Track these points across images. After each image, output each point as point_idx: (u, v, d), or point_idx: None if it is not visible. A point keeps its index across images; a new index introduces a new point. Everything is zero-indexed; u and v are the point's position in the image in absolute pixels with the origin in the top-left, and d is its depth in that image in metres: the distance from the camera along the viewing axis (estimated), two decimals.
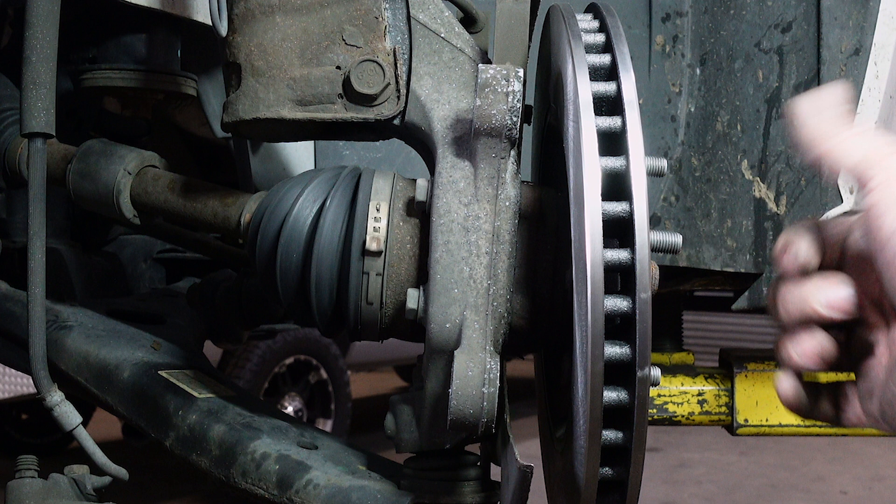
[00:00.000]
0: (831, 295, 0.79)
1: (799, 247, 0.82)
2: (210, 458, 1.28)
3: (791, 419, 1.92)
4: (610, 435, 0.94)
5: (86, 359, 1.45)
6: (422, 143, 1.15)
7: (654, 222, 1.64)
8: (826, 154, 0.79)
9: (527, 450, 1.01)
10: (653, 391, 1.89)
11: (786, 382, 0.86)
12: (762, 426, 1.92)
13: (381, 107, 1.15)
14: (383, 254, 1.10)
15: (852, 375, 0.84)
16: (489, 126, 1.01)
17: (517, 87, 1.01)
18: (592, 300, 0.88)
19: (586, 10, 1.12)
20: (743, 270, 1.62)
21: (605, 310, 0.89)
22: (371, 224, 1.10)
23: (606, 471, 0.96)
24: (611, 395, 0.93)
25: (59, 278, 1.80)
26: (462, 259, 1.04)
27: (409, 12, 1.15)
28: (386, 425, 1.15)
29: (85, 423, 1.28)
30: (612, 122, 0.96)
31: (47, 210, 1.25)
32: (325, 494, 1.19)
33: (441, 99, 1.13)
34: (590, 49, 1.02)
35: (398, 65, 1.15)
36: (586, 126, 0.93)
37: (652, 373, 0.91)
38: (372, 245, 1.09)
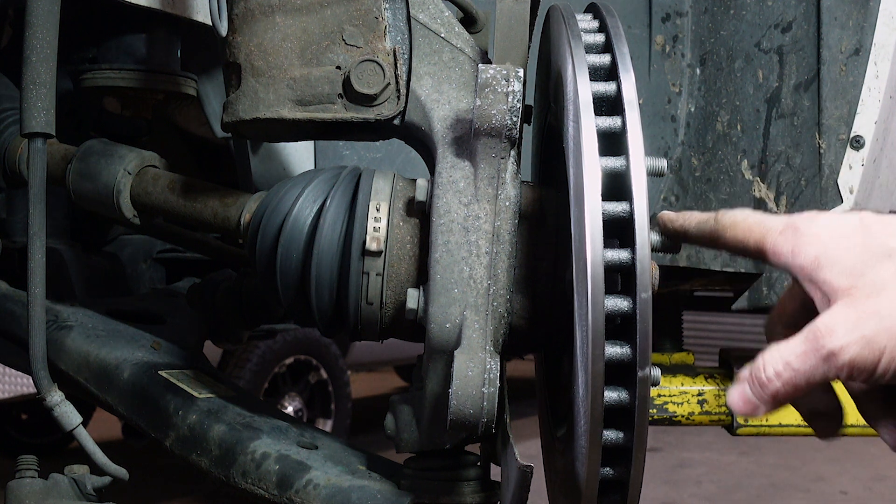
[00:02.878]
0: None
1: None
2: (210, 458, 1.28)
3: (791, 419, 1.92)
4: (610, 435, 0.94)
5: (86, 359, 1.45)
6: (422, 143, 1.15)
7: (654, 222, 1.64)
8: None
9: (527, 450, 1.01)
10: (653, 391, 1.89)
11: None
12: (762, 426, 1.92)
13: (381, 107, 1.15)
14: (383, 254, 1.10)
15: None
16: (489, 126, 1.01)
17: (517, 87, 1.01)
18: (593, 300, 0.88)
19: (586, 10, 1.12)
20: (743, 270, 1.62)
21: (605, 310, 0.89)
22: (371, 224, 1.10)
23: (607, 471, 0.96)
24: (611, 395, 0.93)
25: (59, 278, 1.80)
26: (462, 259, 1.04)
27: (409, 12, 1.15)
28: (386, 425, 1.15)
29: (85, 423, 1.28)
30: (612, 122, 0.96)
31: (47, 210, 1.25)
32: (325, 494, 1.19)
33: (441, 99, 1.13)
34: (590, 49, 1.02)
35: (398, 65, 1.15)
36: (586, 126, 0.93)
37: (652, 373, 0.91)
38: (372, 245, 1.09)
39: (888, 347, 0.79)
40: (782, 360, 0.84)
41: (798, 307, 0.93)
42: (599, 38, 1.04)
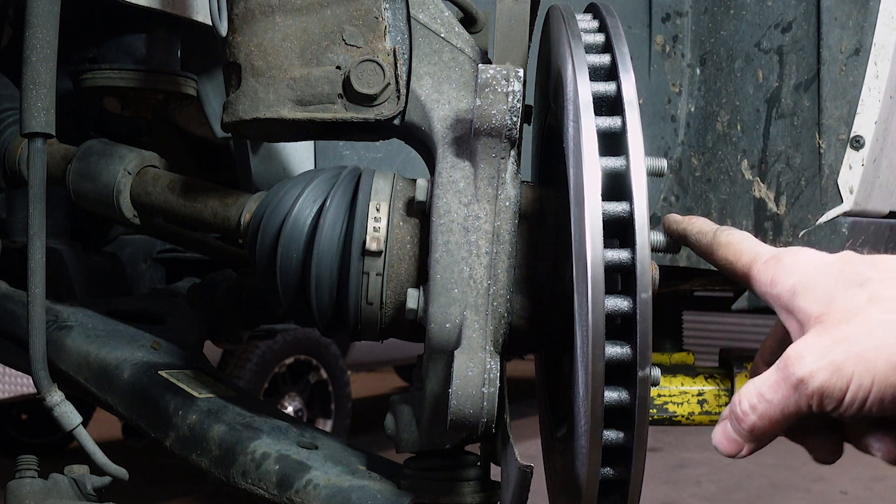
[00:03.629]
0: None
1: None
2: (210, 458, 1.28)
3: None
4: (611, 435, 0.94)
5: (86, 359, 1.45)
6: (422, 143, 1.15)
7: (655, 222, 1.64)
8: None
9: (527, 450, 1.01)
10: (653, 391, 1.89)
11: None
12: None
13: (381, 107, 1.15)
14: (383, 254, 1.10)
15: None
16: (489, 126, 1.01)
17: (517, 87, 1.01)
18: (593, 300, 0.88)
19: (586, 10, 1.12)
20: None
21: (605, 310, 0.89)
22: (371, 224, 1.10)
23: (607, 471, 0.96)
24: (611, 395, 0.93)
25: (59, 278, 1.80)
26: (462, 259, 1.04)
27: (409, 12, 1.15)
28: (386, 425, 1.15)
29: (85, 423, 1.28)
30: (612, 122, 0.96)
31: (47, 210, 1.25)
32: (325, 494, 1.19)
33: (441, 99, 1.13)
34: (590, 49, 1.02)
35: (398, 65, 1.15)
36: (586, 126, 0.93)
37: (652, 373, 0.91)
38: (372, 245, 1.09)
39: (856, 374, 0.77)
40: (756, 391, 0.83)
41: (777, 345, 0.93)
42: (599, 38, 1.04)
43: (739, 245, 0.92)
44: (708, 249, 0.95)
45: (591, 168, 0.91)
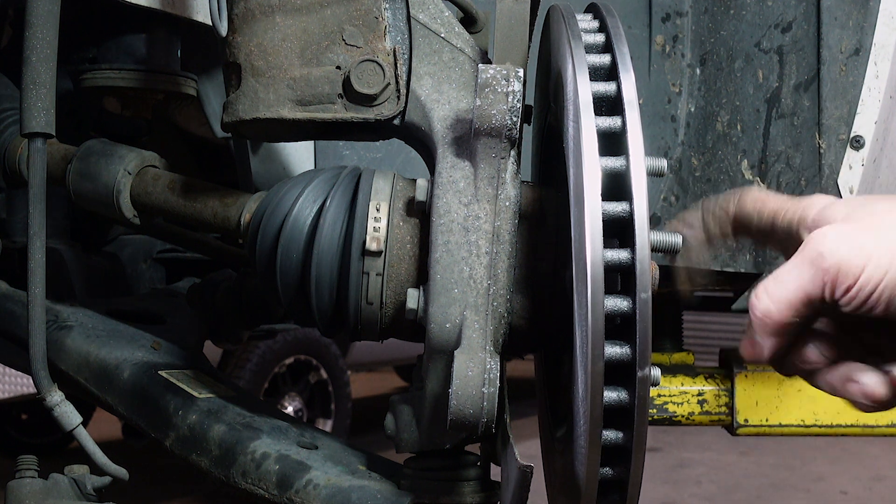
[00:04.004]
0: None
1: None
2: (210, 458, 1.28)
3: (791, 419, 1.92)
4: (610, 435, 0.94)
5: (86, 359, 1.45)
6: (422, 143, 1.15)
7: (654, 222, 1.64)
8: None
9: (527, 450, 1.01)
10: (653, 391, 1.89)
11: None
12: (762, 426, 1.92)
13: (381, 107, 1.15)
14: (383, 254, 1.10)
15: None
16: (489, 126, 1.01)
17: (517, 87, 1.01)
18: (592, 300, 0.88)
19: (586, 10, 1.12)
20: (743, 270, 1.62)
21: (605, 310, 0.89)
22: (371, 224, 1.10)
23: (607, 471, 0.96)
24: (611, 395, 0.93)
25: (59, 278, 1.80)
26: (462, 259, 1.04)
27: (409, 12, 1.15)
28: (386, 425, 1.15)
29: (85, 423, 1.28)
30: (612, 122, 0.96)
31: (47, 210, 1.25)
32: (325, 494, 1.19)
33: (441, 99, 1.13)
34: (590, 49, 1.02)
35: (398, 65, 1.15)
36: (586, 126, 0.93)
37: (652, 373, 0.91)
38: (372, 245, 1.09)
39: (875, 254, 0.80)
40: (773, 276, 0.85)
41: None
42: (599, 38, 1.04)
43: (772, 194, 0.97)
44: (736, 193, 0.98)
45: (591, 168, 0.91)
